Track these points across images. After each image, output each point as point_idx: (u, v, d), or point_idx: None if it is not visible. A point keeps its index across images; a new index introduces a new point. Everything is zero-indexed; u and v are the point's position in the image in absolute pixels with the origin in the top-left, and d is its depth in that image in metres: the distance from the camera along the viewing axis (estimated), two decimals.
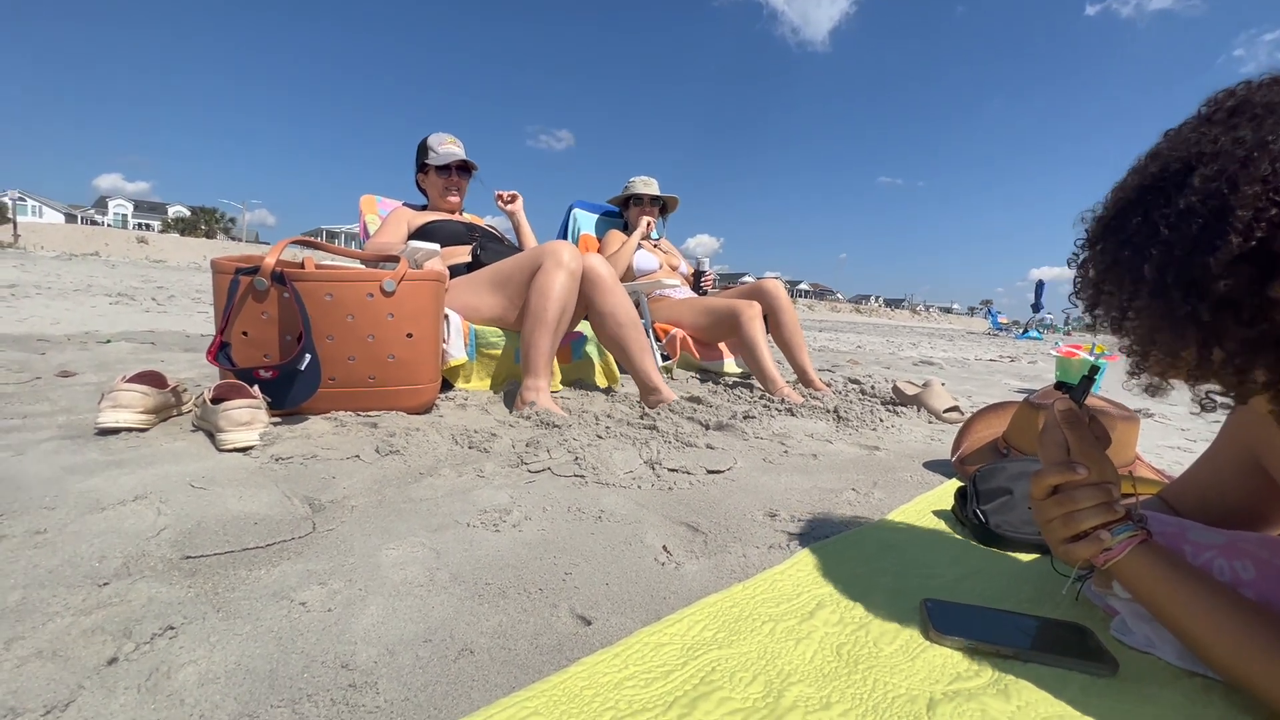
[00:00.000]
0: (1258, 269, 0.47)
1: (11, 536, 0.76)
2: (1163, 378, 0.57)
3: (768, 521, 1.00)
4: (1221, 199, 0.48)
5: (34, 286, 5.47)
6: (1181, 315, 0.50)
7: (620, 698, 0.53)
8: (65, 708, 0.49)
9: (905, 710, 0.54)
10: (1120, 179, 0.58)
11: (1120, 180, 0.58)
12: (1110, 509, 0.63)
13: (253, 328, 1.42)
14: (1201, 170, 0.49)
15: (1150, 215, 0.52)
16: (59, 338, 2.61)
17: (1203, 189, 0.49)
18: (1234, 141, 0.49)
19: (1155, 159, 0.54)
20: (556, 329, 1.75)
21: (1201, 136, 0.51)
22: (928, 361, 4.96)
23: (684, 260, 3.11)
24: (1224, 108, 0.52)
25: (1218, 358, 0.51)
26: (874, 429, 1.77)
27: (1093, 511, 0.63)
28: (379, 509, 0.94)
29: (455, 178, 2.30)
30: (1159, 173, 0.53)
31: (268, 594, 0.68)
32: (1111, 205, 0.57)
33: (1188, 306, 0.50)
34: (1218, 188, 0.48)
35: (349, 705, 0.52)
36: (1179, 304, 0.50)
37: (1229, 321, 0.49)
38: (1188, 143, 0.52)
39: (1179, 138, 0.54)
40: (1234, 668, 0.56)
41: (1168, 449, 1.91)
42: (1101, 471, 0.64)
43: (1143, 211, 0.53)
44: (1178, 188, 0.51)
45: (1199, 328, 0.50)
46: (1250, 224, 0.46)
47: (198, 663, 0.56)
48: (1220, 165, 0.49)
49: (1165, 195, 0.52)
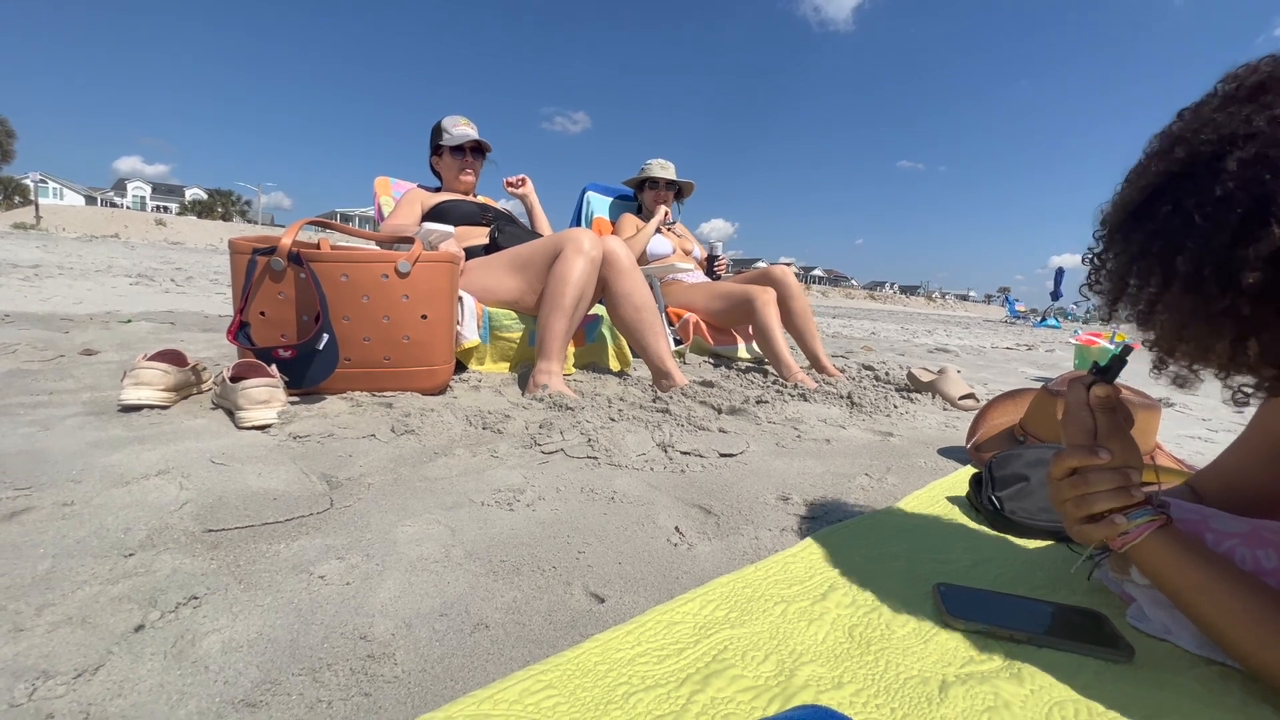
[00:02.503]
0: None
1: (40, 508, 0.78)
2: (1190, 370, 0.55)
3: (780, 505, 1.00)
4: (1263, 186, 0.45)
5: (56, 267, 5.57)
6: (1219, 310, 0.48)
7: (633, 673, 0.54)
8: (95, 671, 0.51)
9: (917, 692, 0.54)
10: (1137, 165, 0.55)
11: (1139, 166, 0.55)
12: (1127, 493, 0.61)
13: (270, 308, 1.43)
14: (1238, 154, 0.47)
15: (1182, 204, 0.49)
16: (81, 317, 2.66)
17: (1241, 174, 0.46)
18: (1270, 121, 0.46)
19: (1181, 143, 0.51)
20: (573, 315, 1.75)
21: (1230, 116, 0.48)
22: (943, 349, 4.91)
23: (697, 245, 3.09)
24: (1247, 84, 0.49)
25: (1253, 351, 0.49)
26: (888, 415, 1.76)
27: (1108, 495, 0.62)
28: (395, 487, 0.95)
29: (469, 158, 2.30)
30: (1188, 158, 0.50)
31: (287, 567, 0.69)
32: (1136, 193, 0.54)
33: (1226, 301, 0.47)
34: (1258, 173, 0.45)
35: (368, 675, 0.53)
36: (1216, 298, 0.48)
37: (1269, 314, 0.47)
38: (1215, 124, 0.49)
39: (1201, 119, 0.51)
40: (1254, 654, 0.55)
41: (1188, 439, 1.88)
42: (1125, 456, 0.63)
43: (1173, 200, 0.50)
44: (1212, 174, 0.48)
45: (1236, 322, 0.48)
46: None
47: (221, 631, 0.57)
48: (1259, 148, 0.46)
49: (1197, 182, 0.49)
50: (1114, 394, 0.65)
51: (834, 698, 0.53)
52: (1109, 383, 0.65)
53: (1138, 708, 0.54)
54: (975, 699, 0.53)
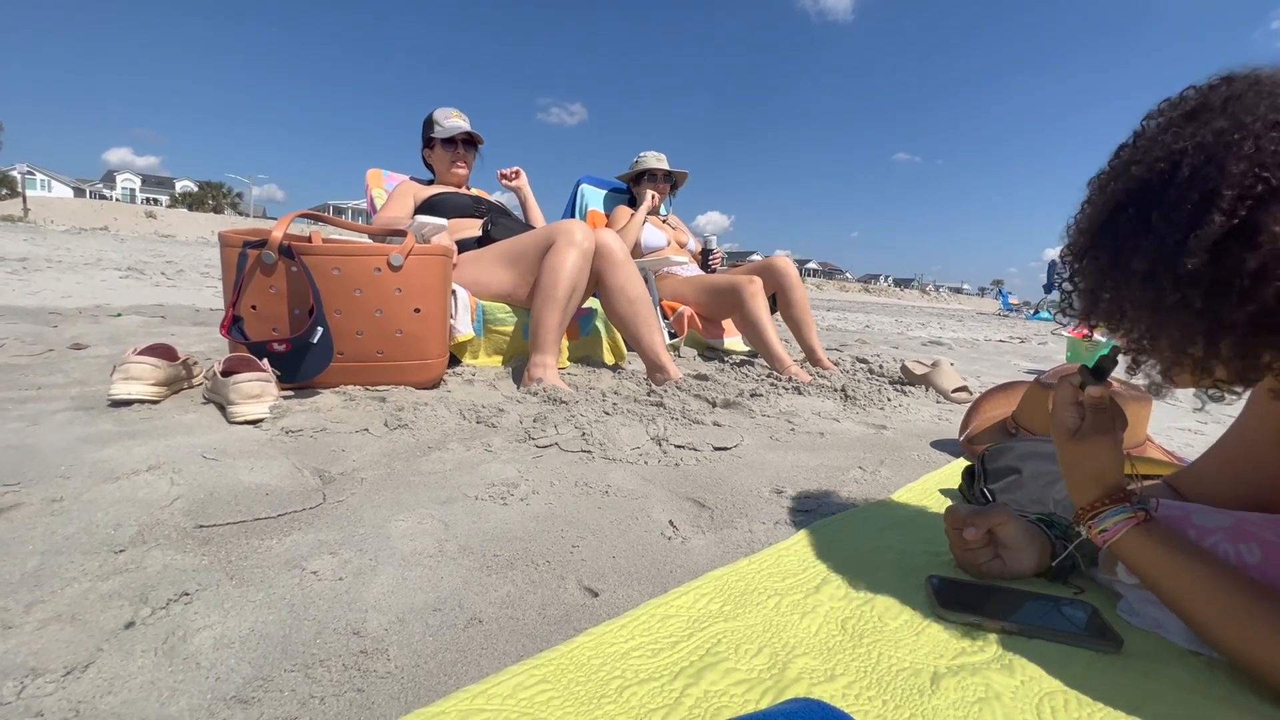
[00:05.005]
0: (1242, 245, 0.47)
1: (29, 504, 0.78)
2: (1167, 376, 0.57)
3: (774, 498, 1.00)
4: (1210, 182, 0.49)
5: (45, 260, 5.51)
6: (1172, 303, 0.51)
7: (627, 667, 0.54)
8: (85, 669, 0.50)
9: (909, 683, 0.55)
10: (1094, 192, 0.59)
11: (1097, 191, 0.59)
12: (973, 557, 0.72)
13: (261, 301, 1.42)
14: (1188, 160, 0.51)
15: (1142, 210, 0.53)
16: (70, 311, 2.63)
17: (1191, 178, 0.50)
18: (1214, 133, 0.50)
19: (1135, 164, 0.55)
20: (566, 307, 1.74)
21: (1176, 135, 0.52)
22: (936, 342, 4.93)
23: (692, 237, 3.08)
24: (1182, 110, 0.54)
25: (1225, 347, 0.51)
26: (881, 408, 1.76)
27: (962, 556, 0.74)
28: (388, 481, 0.95)
29: (461, 150, 2.28)
30: (1144, 174, 0.54)
31: (280, 563, 0.69)
32: (1098, 212, 0.58)
33: (1177, 294, 0.50)
34: (1206, 174, 0.49)
35: (361, 671, 0.53)
36: (1168, 292, 0.51)
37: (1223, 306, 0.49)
38: (1163, 144, 0.53)
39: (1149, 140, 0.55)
40: (1237, 649, 0.56)
41: (1178, 430, 1.90)
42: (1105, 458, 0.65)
43: (1133, 208, 0.54)
44: (1166, 183, 0.52)
45: (1197, 317, 0.50)
46: (1235, 202, 0.47)
47: (213, 628, 0.57)
48: (1206, 154, 0.50)
49: (1153, 192, 0.53)
50: (1105, 395, 0.66)
51: (827, 690, 0.53)
52: (1100, 383, 0.66)
53: (1126, 698, 0.54)
54: (967, 690, 0.54)
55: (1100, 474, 0.65)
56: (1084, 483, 0.66)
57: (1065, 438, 0.66)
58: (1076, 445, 0.66)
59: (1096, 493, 0.65)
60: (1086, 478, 0.66)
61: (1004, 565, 0.73)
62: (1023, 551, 0.73)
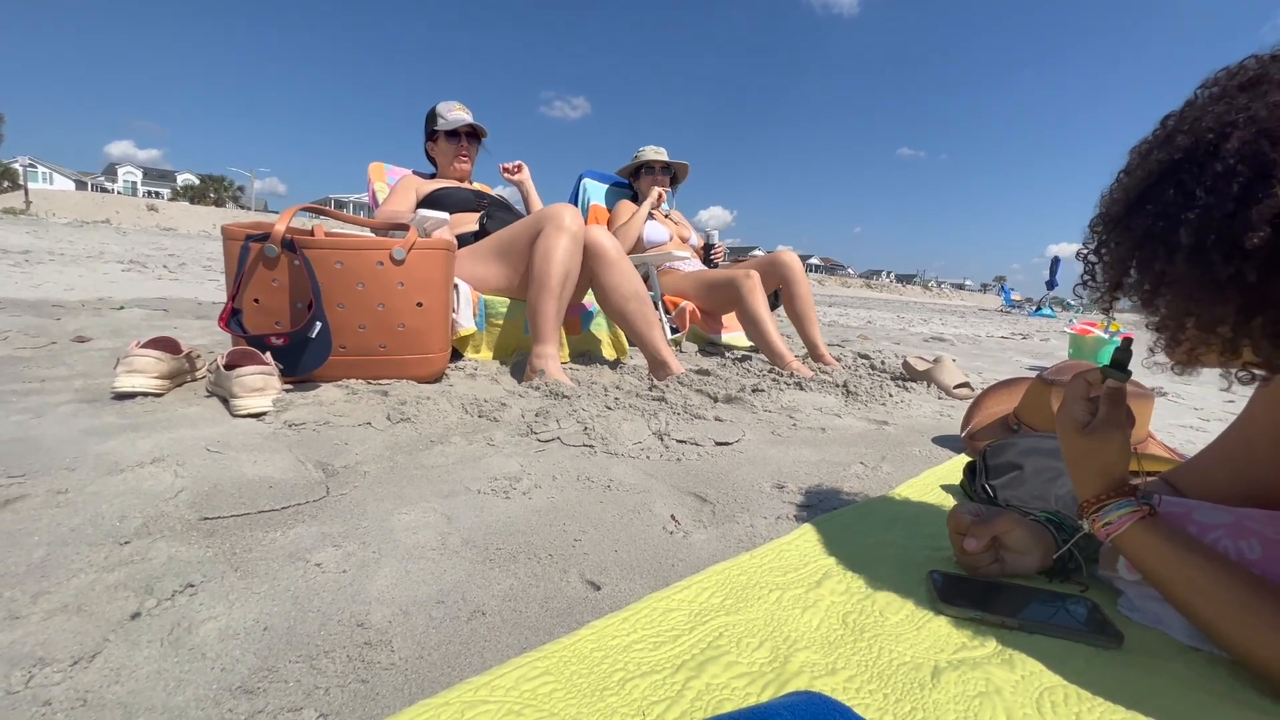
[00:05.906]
0: None
1: (34, 496, 0.78)
2: (1191, 356, 0.56)
3: (775, 493, 1.00)
4: (1264, 157, 0.47)
5: (47, 253, 5.51)
6: (1224, 278, 0.49)
7: (629, 660, 0.54)
8: (91, 659, 0.51)
9: (910, 678, 0.55)
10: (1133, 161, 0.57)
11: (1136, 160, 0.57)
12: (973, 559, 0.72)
13: (264, 295, 1.42)
14: (1238, 133, 0.49)
15: (1185, 184, 0.51)
16: (73, 304, 2.63)
17: (1242, 151, 0.48)
18: (1268, 106, 0.48)
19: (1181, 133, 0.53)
20: (561, 294, 1.73)
21: (1229, 106, 0.50)
22: (939, 338, 4.93)
23: (695, 232, 3.07)
24: (1239, 80, 0.52)
25: (1257, 325, 0.50)
26: (883, 404, 1.76)
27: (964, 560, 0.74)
28: (391, 475, 0.95)
29: (464, 143, 2.28)
30: (1190, 145, 0.52)
31: (284, 555, 0.70)
32: (1137, 183, 0.56)
33: (1231, 268, 0.49)
34: (1260, 148, 0.47)
35: (364, 662, 0.54)
36: (1220, 266, 0.49)
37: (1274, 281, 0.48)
38: (1214, 114, 0.51)
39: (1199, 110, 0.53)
40: (1238, 644, 0.56)
41: (1179, 428, 1.89)
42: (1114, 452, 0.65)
43: (1175, 182, 0.52)
44: (1214, 155, 0.50)
45: (1242, 291, 0.49)
46: None
47: (218, 619, 0.57)
48: (1259, 126, 0.48)
49: (1199, 163, 0.51)
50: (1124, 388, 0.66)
51: (828, 684, 0.53)
52: (1124, 375, 0.66)
53: (1127, 693, 0.54)
54: (967, 684, 0.54)
55: (1108, 468, 0.65)
56: (1091, 476, 0.66)
57: (1074, 431, 0.66)
58: (1086, 439, 0.66)
59: (1102, 486, 0.65)
60: (1094, 471, 0.66)
61: (1005, 567, 0.73)
62: (1028, 555, 0.73)
